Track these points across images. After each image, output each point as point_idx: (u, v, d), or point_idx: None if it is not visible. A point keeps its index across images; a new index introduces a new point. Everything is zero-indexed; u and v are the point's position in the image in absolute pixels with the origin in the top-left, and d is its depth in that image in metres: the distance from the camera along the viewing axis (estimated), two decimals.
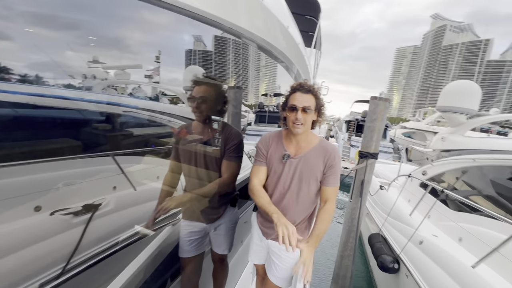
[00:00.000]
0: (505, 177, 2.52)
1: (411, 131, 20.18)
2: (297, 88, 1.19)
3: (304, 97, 1.17)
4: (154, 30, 2.21)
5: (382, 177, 5.88)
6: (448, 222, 2.77)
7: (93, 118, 2.87)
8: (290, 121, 1.18)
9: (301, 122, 1.15)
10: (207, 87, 1.35)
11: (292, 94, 1.20)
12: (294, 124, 1.17)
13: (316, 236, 1.16)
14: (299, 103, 1.15)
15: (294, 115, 1.16)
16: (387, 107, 2.83)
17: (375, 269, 3.52)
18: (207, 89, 1.34)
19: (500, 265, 1.83)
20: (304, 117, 1.15)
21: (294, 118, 1.16)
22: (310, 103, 1.17)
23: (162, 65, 5.08)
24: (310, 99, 1.18)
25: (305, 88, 1.18)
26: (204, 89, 1.33)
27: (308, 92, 1.18)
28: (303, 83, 1.21)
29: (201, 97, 1.32)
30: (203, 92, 1.32)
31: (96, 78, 3.90)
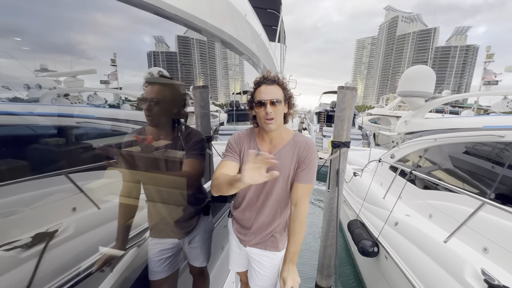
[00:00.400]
0: (461, 151, 2.74)
1: (376, 117, 21.45)
2: (261, 82, 1.09)
3: (270, 89, 1.07)
4: (109, 30, 1.97)
5: (355, 163, 6.12)
6: (417, 201, 2.93)
7: (40, 133, 2.54)
8: (261, 118, 1.08)
9: (272, 117, 1.05)
10: (161, 87, 1.20)
11: (257, 88, 1.10)
12: (265, 121, 1.06)
13: (293, 253, 1.06)
14: (266, 95, 1.06)
15: (263, 110, 1.05)
16: (355, 96, 2.89)
17: (356, 254, 3.63)
18: (160, 90, 1.19)
19: (468, 237, 1.95)
20: (274, 110, 1.05)
21: (264, 114, 1.05)
22: (278, 95, 1.08)
23: (122, 69, 4.69)
24: (277, 91, 1.08)
25: (269, 79, 1.08)
26: (157, 89, 1.18)
27: (274, 83, 1.08)
28: (266, 74, 1.11)
29: (152, 99, 1.16)
30: (155, 93, 1.17)
31: (42, 88, 3.48)
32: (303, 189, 1.12)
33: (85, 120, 2.87)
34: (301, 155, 1.12)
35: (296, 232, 1.08)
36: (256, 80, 1.12)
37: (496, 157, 2.21)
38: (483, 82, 10.63)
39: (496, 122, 2.45)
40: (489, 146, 2.32)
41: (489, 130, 2.27)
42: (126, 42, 3.15)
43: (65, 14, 1.26)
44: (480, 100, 13.38)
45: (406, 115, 4.66)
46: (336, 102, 3.02)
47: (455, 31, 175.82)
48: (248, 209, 1.23)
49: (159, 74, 1.22)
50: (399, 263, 2.27)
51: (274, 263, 1.26)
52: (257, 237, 1.24)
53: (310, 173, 1.12)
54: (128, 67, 4.65)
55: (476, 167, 2.43)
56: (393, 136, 8.84)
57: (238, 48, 1.59)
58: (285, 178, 1.14)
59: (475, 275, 1.58)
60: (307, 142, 1.15)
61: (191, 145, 1.29)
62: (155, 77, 1.21)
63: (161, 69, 1.23)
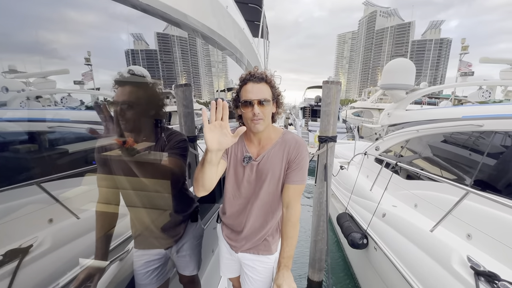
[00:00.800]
0: (439, 140, 2.83)
1: (359, 110, 22.00)
2: (247, 79, 1.00)
3: (257, 87, 0.99)
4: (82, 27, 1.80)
5: (341, 156, 6.22)
6: (403, 191, 3.00)
7: (9, 140, 2.34)
8: (247, 118, 1.00)
9: (260, 118, 0.98)
10: (133, 87, 1.06)
11: (243, 86, 1.01)
12: (252, 121, 0.98)
13: (287, 258, 1.01)
14: (253, 95, 0.97)
15: (251, 110, 0.98)
16: (339, 90, 2.89)
17: (346, 247, 3.69)
18: (133, 91, 1.06)
19: (452, 225, 2.01)
20: (262, 111, 0.98)
21: (251, 115, 0.97)
22: (266, 94, 1.00)
23: (98, 68, 4.44)
24: (265, 89, 1.00)
25: (256, 77, 1.00)
26: (129, 90, 1.05)
27: (261, 80, 1.00)
28: (253, 71, 1.02)
29: (124, 102, 1.03)
30: (127, 95, 1.04)
31: (10, 90, 3.21)
32: (294, 190, 1.06)
33: (59, 124, 2.67)
34: (291, 155, 1.06)
35: (289, 236, 1.03)
36: (242, 77, 1.03)
37: (476, 145, 2.30)
38: (459, 73, 11.13)
39: (474, 112, 2.54)
40: (469, 135, 2.41)
41: (468, 120, 2.35)
42: (101, 40, 2.96)
43: (33, 10, 1.13)
44: (456, 91, 14.07)
45: (388, 108, 4.77)
46: (322, 97, 3.01)
47: (430, 25, 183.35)
48: (238, 214, 1.17)
49: (130, 73, 1.10)
50: (388, 254, 2.31)
51: (268, 267, 1.21)
52: (249, 242, 1.19)
53: (301, 173, 1.06)
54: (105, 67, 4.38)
55: (457, 156, 2.51)
56: (376, 128, 9.10)
57: (220, 43, 1.51)
58: (276, 180, 1.09)
59: (461, 262, 1.62)
60: (297, 140, 1.09)
61: (172, 144, 1.21)
62: (125, 76, 1.08)
63: (133, 68, 1.10)
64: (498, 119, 2.10)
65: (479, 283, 1.41)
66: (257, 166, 1.08)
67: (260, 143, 1.10)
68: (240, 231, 1.18)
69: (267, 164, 1.07)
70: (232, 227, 1.22)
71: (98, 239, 1.23)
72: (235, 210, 1.17)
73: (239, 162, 1.10)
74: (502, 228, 1.71)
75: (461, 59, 12.18)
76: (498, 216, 1.76)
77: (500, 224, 1.73)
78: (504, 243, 1.64)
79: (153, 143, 1.19)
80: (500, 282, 1.35)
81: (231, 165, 1.12)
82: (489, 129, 2.13)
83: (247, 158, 1.08)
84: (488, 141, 2.17)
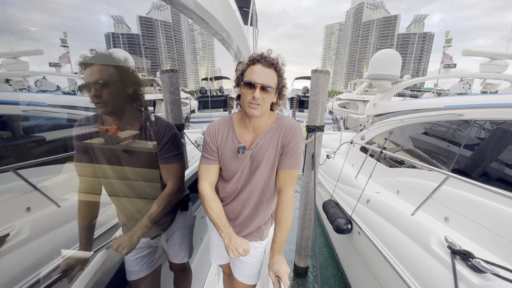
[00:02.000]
0: (420, 132, 2.95)
1: (345, 101, 22.37)
2: (257, 60, 0.95)
3: (265, 72, 0.94)
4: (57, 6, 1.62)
5: (327, 146, 6.34)
6: (386, 178, 3.12)
7: None
8: (245, 100, 0.96)
9: (259, 103, 0.94)
10: (102, 66, 0.98)
11: (251, 66, 0.96)
12: (250, 104, 0.94)
13: (280, 243, 1.02)
14: (258, 78, 0.92)
15: (251, 93, 0.93)
16: (328, 80, 2.90)
17: (331, 232, 3.82)
18: (103, 68, 0.98)
19: (431, 209, 2.12)
20: (263, 96, 0.93)
21: (251, 98, 0.93)
22: (272, 81, 0.95)
23: (76, 50, 4.15)
24: (272, 76, 0.96)
25: (267, 60, 0.95)
26: (98, 69, 0.97)
27: (271, 66, 0.95)
28: (266, 54, 0.97)
29: (97, 81, 0.95)
30: (98, 74, 0.96)
31: None
32: (286, 175, 1.05)
33: (34, 108, 2.50)
34: (285, 139, 1.03)
35: (281, 221, 1.03)
36: (252, 57, 0.97)
37: (454, 137, 2.41)
38: (442, 66, 11.52)
39: (455, 102, 2.65)
40: (447, 127, 2.51)
41: (450, 109, 2.44)
42: (79, 21, 2.75)
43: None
44: (438, 83, 14.61)
45: (374, 98, 4.87)
46: (310, 86, 3.01)
47: (414, 19, 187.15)
48: (232, 201, 1.14)
49: (93, 53, 0.99)
50: (371, 237, 2.41)
51: (259, 251, 1.22)
52: (243, 230, 1.18)
53: (294, 157, 1.03)
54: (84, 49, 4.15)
55: (436, 147, 2.63)
56: (361, 119, 9.33)
57: (211, 24, 1.44)
58: (271, 167, 1.06)
59: (439, 243, 1.72)
60: (292, 124, 1.05)
61: (164, 145, 1.14)
62: (90, 57, 0.98)
63: (95, 49, 1.00)
64: (477, 108, 2.20)
65: (455, 261, 1.51)
66: (252, 154, 1.05)
67: (254, 131, 1.06)
68: (234, 219, 1.16)
69: (262, 151, 1.04)
70: (226, 214, 1.18)
71: (82, 228, 1.19)
72: (229, 199, 1.15)
73: (232, 154, 1.06)
74: (476, 211, 1.82)
75: (444, 51, 12.59)
76: (473, 200, 1.87)
77: (474, 207, 1.84)
78: (479, 223, 1.75)
79: (137, 131, 1.13)
80: (474, 260, 1.45)
81: (225, 159, 1.08)
82: (469, 118, 2.23)
83: (242, 148, 1.04)
84: (465, 133, 2.28)
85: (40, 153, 2.26)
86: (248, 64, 0.97)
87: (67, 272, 1.07)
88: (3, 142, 2.10)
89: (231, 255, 1.00)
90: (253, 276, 1.23)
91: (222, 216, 1.08)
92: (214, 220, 1.07)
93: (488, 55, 6.69)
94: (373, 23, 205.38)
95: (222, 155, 1.07)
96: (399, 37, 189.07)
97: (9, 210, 1.83)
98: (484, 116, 2.12)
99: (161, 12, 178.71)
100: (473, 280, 1.38)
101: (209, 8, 1.25)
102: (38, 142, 2.42)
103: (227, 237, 1.03)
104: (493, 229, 1.65)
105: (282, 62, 1.00)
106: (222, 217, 1.08)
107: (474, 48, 31.32)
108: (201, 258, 2.05)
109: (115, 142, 1.10)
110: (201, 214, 2.13)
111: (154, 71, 57.84)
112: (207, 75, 19.12)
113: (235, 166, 1.07)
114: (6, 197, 1.83)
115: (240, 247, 1.01)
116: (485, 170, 2.01)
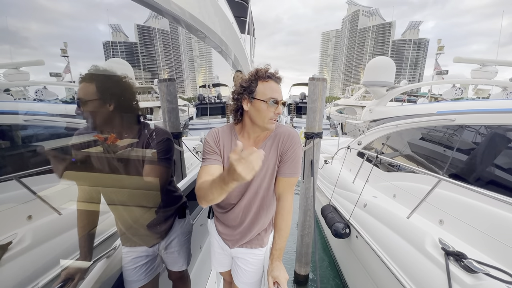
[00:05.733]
0: (417, 137, 3.01)
1: (342, 107, 22.56)
2: (270, 76, 1.01)
3: (279, 88, 1.02)
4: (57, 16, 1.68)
5: (325, 151, 6.39)
6: (383, 183, 3.16)
7: None
8: (265, 117, 0.99)
9: (277, 118, 1.01)
10: (85, 84, 1.00)
11: (264, 82, 1.00)
12: (270, 120, 1.00)
13: (279, 249, 1.04)
14: (279, 95, 0.99)
15: (275, 109, 0.99)
16: (325, 87, 2.97)
17: (330, 237, 3.83)
18: (84, 87, 1.00)
19: (426, 212, 2.17)
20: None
21: (273, 114, 0.99)
22: (283, 95, 1.04)
23: (75, 61, 4.23)
24: (281, 90, 1.04)
25: (277, 77, 1.02)
26: (81, 87, 1.00)
27: (280, 81, 1.03)
28: (274, 71, 1.04)
29: (78, 100, 1.00)
30: (80, 93, 1.00)
31: None
32: (285, 183, 1.07)
33: (36, 117, 2.55)
34: (283, 147, 1.06)
35: (280, 228, 1.05)
36: (263, 72, 1.00)
37: (450, 142, 2.47)
38: (435, 72, 11.77)
39: (448, 108, 2.73)
40: (444, 132, 2.58)
41: (442, 115, 2.51)
42: (78, 31, 2.83)
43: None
44: (432, 89, 14.90)
45: (370, 104, 4.96)
46: (308, 94, 3.07)
47: (409, 26, 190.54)
48: (233, 209, 1.15)
49: (90, 70, 1.04)
50: (369, 241, 2.44)
51: (259, 258, 1.23)
52: (244, 238, 1.19)
53: (293, 165, 1.05)
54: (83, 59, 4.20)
55: (433, 152, 2.68)
56: (359, 124, 9.46)
57: (209, 36, 1.51)
58: (270, 174, 1.08)
59: (433, 244, 1.76)
60: (290, 132, 1.07)
61: (156, 146, 1.16)
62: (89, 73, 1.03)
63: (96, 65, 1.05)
64: (468, 113, 2.27)
65: (448, 262, 1.55)
66: None
67: (256, 140, 1.09)
68: (234, 227, 1.18)
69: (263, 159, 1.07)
70: (226, 223, 1.20)
71: (81, 238, 1.20)
72: (230, 206, 1.16)
73: None
74: (469, 213, 1.86)
75: (436, 59, 12.88)
76: (466, 203, 1.91)
77: (468, 210, 1.89)
78: (472, 226, 1.79)
79: (136, 139, 1.15)
80: (467, 260, 1.49)
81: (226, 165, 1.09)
82: (460, 123, 2.30)
83: None
84: (460, 137, 2.34)
85: (42, 162, 2.30)
86: (260, 79, 1.00)
87: (68, 281, 1.08)
88: (6, 151, 2.13)
89: (250, 172, 0.66)
90: (254, 284, 1.23)
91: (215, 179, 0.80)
92: (212, 183, 0.79)
93: (478, 61, 6.86)
94: (369, 30, 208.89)
95: (224, 162, 1.08)
96: (395, 43, 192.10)
97: (11, 218, 1.86)
98: (475, 121, 2.19)
99: (159, 21, 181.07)
100: (465, 280, 1.41)
101: (208, 23, 1.31)
102: (39, 151, 2.46)
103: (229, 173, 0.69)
104: (485, 231, 1.69)
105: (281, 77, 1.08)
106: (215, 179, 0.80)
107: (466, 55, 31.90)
108: (200, 266, 2.05)
109: (114, 150, 1.11)
110: (200, 222, 2.14)
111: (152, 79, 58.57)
112: (205, 82, 19.24)
113: None
114: (10, 205, 1.85)
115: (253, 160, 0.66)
116: (477, 173, 2.06)
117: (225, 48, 1.81)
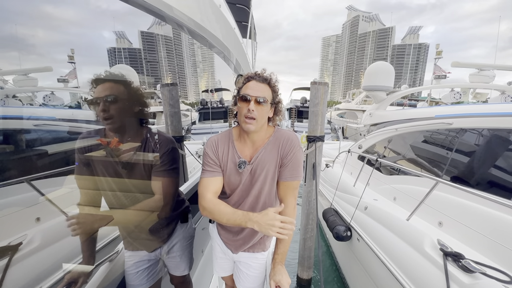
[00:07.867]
0: (420, 140, 3.05)
1: (343, 111, 22.63)
2: (251, 77, 1.03)
3: (259, 86, 1.00)
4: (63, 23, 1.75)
5: (326, 155, 6.42)
6: (383, 186, 3.20)
7: None
8: (241, 115, 0.99)
9: (253, 116, 0.96)
10: (113, 83, 1.04)
11: (246, 83, 1.03)
12: (245, 119, 0.98)
13: (282, 254, 1.04)
14: (252, 91, 0.98)
15: (246, 106, 0.97)
16: (327, 91, 3.02)
17: (331, 240, 3.85)
18: (113, 86, 1.03)
19: (426, 214, 2.20)
20: (257, 109, 0.97)
21: (246, 111, 0.97)
22: (266, 94, 1.00)
23: (81, 66, 4.34)
24: (265, 90, 1.01)
25: (261, 77, 1.02)
26: (109, 86, 1.03)
27: (265, 81, 1.02)
28: (259, 72, 1.05)
29: (107, 96, 1.00)
30: (109, 90, 1.01)
31: None
32: (286, 186, 1.07)
33: (44, 122, 2.62)
34: (283, 151, 1.05)
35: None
36: (247, 75, 1.05)
37: (447, 142, 2.51)
38: (434, 77, 11.87)
39: (446, 111, 2.77)
40: (445, 135, 2.62)
41: (440, 118, 2.56)
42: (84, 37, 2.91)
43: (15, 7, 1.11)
44: (432, 93, 15.00)
45: (370, 108, 5.01)
46: (310, 98, 3.12)
47: (409, 31, 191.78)
48: None
49: (106, 73, 1.08)
50: (369, 243, 2.47)
51: (261, 263, 1.24)
52: (247, 243, 1.20)
53: (293, 169, 1.05)
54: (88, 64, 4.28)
55: (435, 155, 2.73)
56: (360, 128, 9.55)
57: (210, 41, 1.56)
58: (271, 179, 1.09)
59: (432, 245, 1.79)
60: (289, 136, 1.07)
61: (159, 158, 1.14)
62: (102, 76, 1.06)
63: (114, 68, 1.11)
64: (465, 117, 2.32)
65: (446, 262, 1.58)
66: (252, 168, 1.07)
67: (253, 144, 1.08)
68: (238, 232, 1.18)
69: (261, 164, 1.06)
70: (228, 228, 1.20)
71: (83, 242, 1.18)
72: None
73: (234, 168, 1.08)
74: (467, 215, 1.90)
75: (435, 63, 13.00)
76: (464, 205, 1.95)
77: (466, 211, 1.92)
78: (469, 227, 1.83)
79: (138, 143, 1.16)
80: (464, 260, 1.52)
81: (227, 174, 1.10)
82: (458, 127, 2.35)
83: (243, 163, 1.06)
84: (461, 140, 2.39)
85: (49, 164, 2.36)
86: (244, 83, 1.04)
87: (71, 285, 1.08)
88: (17, 154, 2.20)
89: (274, 231, 0.89)
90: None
91: (234, 210, 1.00)
92: (231, 219, 0.97)
93: (476, 66, 6.95)
94: (369, 35, 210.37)
95: (224, 170, 1.09)
96: (395, 48, 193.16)
97: (22, 219, 1.91)
98: (472, 124, 2.25)
99: (162, 27, 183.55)
100: (463, 279, 1.45)
101: (210, 28, 1.35)
102: (49, 154, 2.53)
103: (254, 222, 0.91)
104: (482, 232, 1.73)
105: (275, 79, 1.07)
106: (236, 210, 0.99)
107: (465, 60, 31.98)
108: (202, 270, 2.06)
109: (117, 154, 1.12)
110: (201, 226, 2.16)
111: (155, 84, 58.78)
112: (207, 87, 19.43)
113: (236, 181, 1.09)
114: (20, 206, 1.90)
115: (274, 220, 0.89)
116: (475, 175, 2.10)
117: (227, 53, 1.86)
